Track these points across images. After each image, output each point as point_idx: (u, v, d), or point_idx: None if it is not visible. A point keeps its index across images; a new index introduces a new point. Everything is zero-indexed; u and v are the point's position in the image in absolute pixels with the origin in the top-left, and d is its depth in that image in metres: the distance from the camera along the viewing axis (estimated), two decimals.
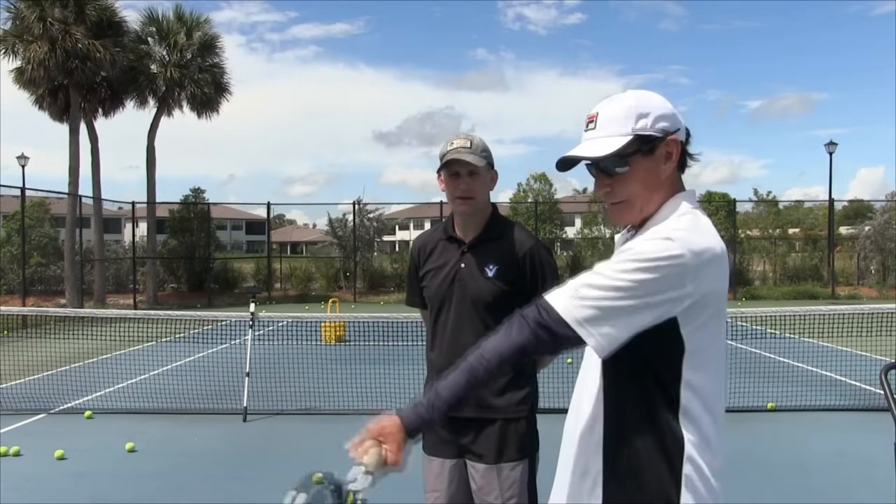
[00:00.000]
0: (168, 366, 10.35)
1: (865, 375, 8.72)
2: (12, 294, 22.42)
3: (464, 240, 2.67)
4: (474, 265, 2.63)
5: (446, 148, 2.59)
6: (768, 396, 7.96)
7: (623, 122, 1.58)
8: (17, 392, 8.69)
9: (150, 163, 25.48)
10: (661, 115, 1.59)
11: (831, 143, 27.25)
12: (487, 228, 2.67)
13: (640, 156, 1.58)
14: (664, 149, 1.60)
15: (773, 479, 5.43)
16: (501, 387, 2.58)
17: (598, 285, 1.51)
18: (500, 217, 2.72)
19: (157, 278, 26.05)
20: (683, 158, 1.66)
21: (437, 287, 2.67)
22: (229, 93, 26.48)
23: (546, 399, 3.14)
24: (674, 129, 1.60)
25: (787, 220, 36.48)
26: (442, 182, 2.66)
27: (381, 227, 30.18)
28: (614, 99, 1.63)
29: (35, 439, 6.70)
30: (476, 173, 2.58)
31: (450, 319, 2.64)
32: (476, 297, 2.60)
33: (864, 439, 6.46)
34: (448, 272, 2.66)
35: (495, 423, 2.57)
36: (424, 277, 2.73)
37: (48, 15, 21.07)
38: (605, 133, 1.59)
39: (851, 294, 25.22)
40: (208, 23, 25.90)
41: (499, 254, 2.63)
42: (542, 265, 2.68)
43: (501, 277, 2.60)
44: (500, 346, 1.57)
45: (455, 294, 2.63)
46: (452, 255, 2.68)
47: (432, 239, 2.77)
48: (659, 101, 1.62)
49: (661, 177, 1.61)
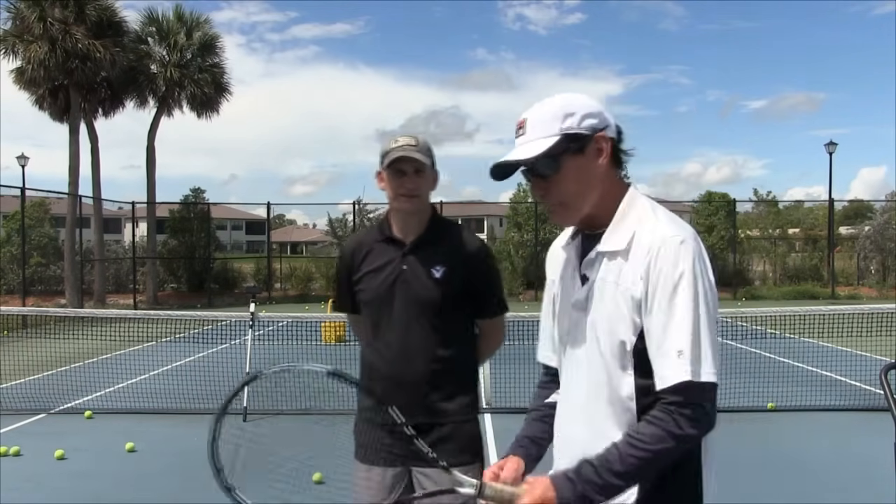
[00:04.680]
0: (168, 366, 10.34)
1: (865, 375, 8.72)
2: (12, 294, 22.43)
3: (404, 241, 2.56)
4: (419, 266, 2.52)
5: (391, 145, 2.50)
6: (768, 396, 7.96)
7: (550, 123, 1.60)
8: (17, 392, 8.69)
9: (150, 163, 25.50)
10: (587, 114, 1.61)
11: (831, 143, 27.29)
12: (429, 229, 2.57)
13: (570, 155, 1.60)
14: (594, 146, 1.61)
15: (773, 479, 5.43)
16: (451, 391, 2.54)
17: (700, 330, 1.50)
18: (440, 218, 2.64)
19: (157, 278, 26.06)
20: (617, 155, 1.67)
21: (376, 289, 2.55)
22: (229, 93, 26.57)
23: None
24: (602, 125, 1.62)
25: (787, 220, 36.50)
26: (382, 180, 2.55)
27: None
28: (542, 103, 1.65)
29: (35, 439, 6.70)
30: (421, 171, 2.51)
31: (394, 323, 2.52)
32: (423, 299, 2.50)
33: (864, 439, 6.46)
34: (389, 274, 2.54)
35: (447, 428, 2.52)
36: (361, 280, 2.59)
37: (48, 15, 21.09)
38: (533, 136, 1.60)
39: (851, 294, 25.23)
40: (208, 23, 26.01)
41: (445, 255, 2.54)
42: (489, 269, 2.64)
43: (449, 279, 2.51)
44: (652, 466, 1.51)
45: (397, 296, 2.52)
46: (392, 256, 2.55)
47: (367, 240, 2.64)
48: (585, 100, 1.64)
49: (595, 174, 1.62)
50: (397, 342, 2.52)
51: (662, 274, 1.52)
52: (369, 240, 2.64)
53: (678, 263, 1.51)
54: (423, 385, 2.51)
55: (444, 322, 2.53)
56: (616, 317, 1.57)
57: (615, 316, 1.57)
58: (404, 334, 2.52)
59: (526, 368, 8.53)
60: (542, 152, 1.58)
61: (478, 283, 2.58)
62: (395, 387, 2.50)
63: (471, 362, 2.65)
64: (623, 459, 1.49)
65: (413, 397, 2.49)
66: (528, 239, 27.26)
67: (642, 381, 1.56)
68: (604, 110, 1.64)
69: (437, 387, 2.53)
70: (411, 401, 2.47)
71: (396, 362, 2.52)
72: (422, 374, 2.51)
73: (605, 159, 1.62)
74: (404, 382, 2.51)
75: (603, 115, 1.63)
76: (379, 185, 2.59)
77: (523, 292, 26.07)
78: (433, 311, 2.51)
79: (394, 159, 2.47)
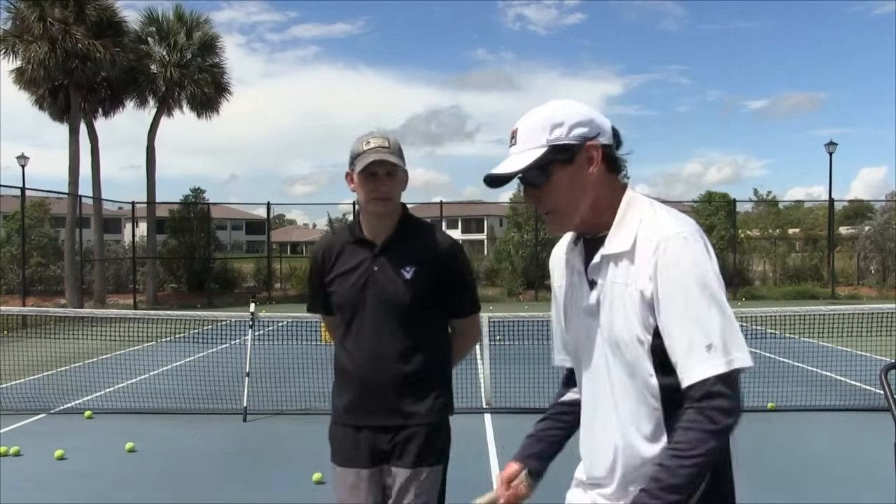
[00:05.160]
0: (168, 366, 10.35)
1: (865, 375, 8.72)
2: (12, 294, 22.44)
3: (375, 242, 2.55)
4: (389, 267, 2.51)
5: (362, 147, 2.47)
6: (768, 396, 7.95)
7: (538, 134, 1.60)
8: (17, 392, 8.69)
9: (150, 163, 25.49)
10: (576, 123, 1.60)
11: (831, 143, 27.30)
12: (399, 229, 2.56)
13: (560, 165, 1.60)
14: (584, 155, 1.61)
15: (773, 479, 5.43)
16: (423, 393, 2.53)
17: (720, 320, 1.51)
18: (411, 217, 2.62)
19: (157, 278, 26.06)
20: (614, 160, 1.66)
21: (347, 291, 2.53)
22: (229, 93, 26.55)
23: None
24: (593, 133, 1.61)
25: (787, 220, 36.50)
26: (352, 182, 2.52)
27: None
28: (532, 112, 1.65)
29: (35, 439, 6.70)
30: (394, 174, 2.49)
31: (366, 325, 2.51)
32: (394, 300, 2.49)
33: (864, 439, 6.46)
34: (360, 276, 2.53)
35: (418, 428, 2.52)
36: (333, 282, 2.58)
37: (48, 15, 21.08)
38: (523, 147, 1.61)
39: (851, 294, 25.22)
40: (208, 23, 25.99)
41: (415, 255, 2.53)
42: (462, 268, 2.63)
43: (420, 279, 2.50)
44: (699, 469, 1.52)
45: (369, 298, 2.51)
46: (363, 257, 2.54)
47: (338, 242, 2.62)
48: (575, 109, 1.63)
49: (585, 182, 1.62)
50: (369, 344, 2.51)
51: (672, 271, 1.52)
52: (340, 241, 2.62)
53: (686, 259, 1.52)
54: (394, 387, 2.50)
55: (416, 322, 2.52)
56: (632, 318, 1.56)
57: (631, 317, 1.57)
58: (376, 336, 2.51)
59: (526, 368, 8.54)
60: (528, 165, 1.59)
61: (450, 282, 2.56)
62: (368, 389, 2.51)
63: (443, 363, 2.63)
64: (675, 473, 1.48)
65: (384, 399, 2.50)
66: (528, 239, 27.24)
67: (664, 380, 1.56)
68: (595, 117, 1.64)
69: (409, 388, 2.52)
70: (383, 402, 2.50)
71: (368, 364, 2.51)
72: (393, 375, 2.50)
73: (595, 167, 1.62)
74: (376, 384, 2.50)
75: (594, 123, 1.63)
76: (349, 187, 2.55)
77: (523, 292, 26.09)
78: (404, 312, 2.50)
79: (368, 163, 2.44)
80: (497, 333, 10.22)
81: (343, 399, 2.57)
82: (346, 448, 2.56)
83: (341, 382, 2.60)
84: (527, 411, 7.52)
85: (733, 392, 1.50)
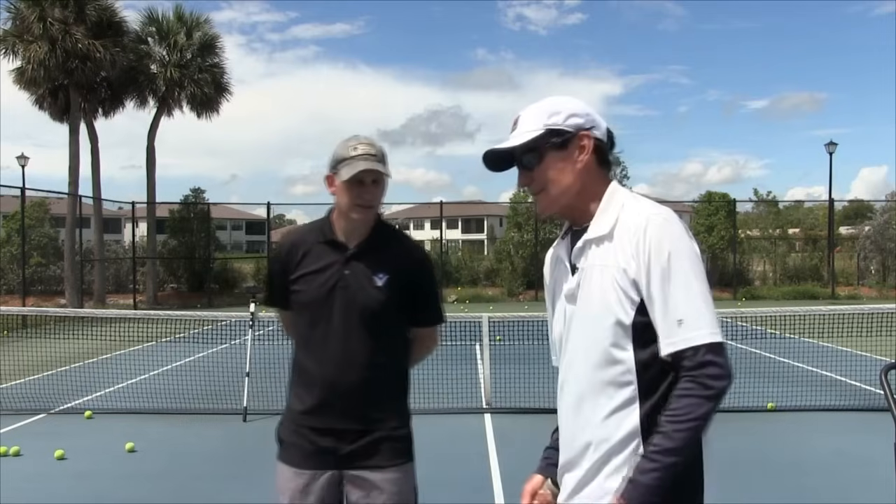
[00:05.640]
0: (168, 366, 10.35)
1: (865, 375, 8.72)
2: (12, 294, 22.45)
3: (347, 245, 2.50)
4: (361, 273, 2.48)
5: (349, 152, 2.42)
6: (768, 396, 7.96)
7: (537, 119, 1.74)
8: (17, 392, 8.69)
9: (150, 163, 25.49)
10: (573, 114, 1.74)
11: (831, 143, 27.32)
12: (373, 235, 2.52)
13: (553, 149, 1.73)
14: (577, 143, 1.73)
15: (773, 479, 5.43)
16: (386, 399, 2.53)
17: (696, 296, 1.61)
18: (384, 223, 2.59)
19: (157, 278, 26.06)
20: (604, 157, 1.78)
21: (315, 291, 2.48)
22: (229, 93, 26.53)
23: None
24: (587, 126, 1.74)
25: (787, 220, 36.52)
26: (333, 185, 2.47)
27: None
28: (534, 103, 1.79)
29: (35, 439, 6.70)
30: (379, 182, 2.46)
31: (333, 329, 2.47)
32: (364, 305, 2.46)
33: (864, 439, 6.46)
34: (329, 278, 2.48)
35: (385, 432, 2.50)
36: (299, 280, 2.51)
37: (48, 15, 21.08)
38: (522, 130, 1.75)
39: (851, 294, 25.22)
40: (208, 23, 25.96)
41: (388, 262, 2.50)
42: (430, 279, 2.63)
43: (391, 287, 2.47)
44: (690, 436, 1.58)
45: (337, 302, 2.46)
46: (333, 259, 2.50)
47: (306, 240, 2.56)
48: (574, 103, 1.77)
49: (575, 168, 1.73)
50: (336, 348, 2.48)
51: (653, 250, 1.62)
52: (309, 240, 2.56)
53: (667, 238, 1.62)
54: (359, 391, 2.48)
55: (383, 329, 2.50)
56: (610, 297, 1.64)
57: (608, 296, 1.64)
58: (343, 340, 2.48)
59: (526, 368, 8.55)
60: (525, 142, 1.72)
61: (418, 292, 2.55)
62: (333, 392, 2.48)
63: (404, 370, 2.62)
64: (671, 437, 1.56)
65: (349, 403, 2.47)
66: (528, 239, 27.23)
67: (643, 354, 1.63)
68: (592, 113, 1.77)
69: (373, 394, 2.50)
70: (347, 406, 2.47)
71: (334, 368, 2.48)
72: (359, 380, 2.48)
73: (585, 155, 1.73)
74: (341, 388, 2.48)
75: (591, 118, 1.76)
76: (329, 190, 2.50)
77: (523, 292, 26.09)
78: (373, 319, 2.47)
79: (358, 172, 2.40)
80: (497, 333, 10.22)
81: (304, 401, 2.52)
82: (304, 449, 2.50)
83: (302, 383, 2.55)
84: (527, 411, 7.53)
85: (723, 359, 1.59)
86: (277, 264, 2.61)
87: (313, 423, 2.49)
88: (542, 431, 2.67)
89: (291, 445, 2.53)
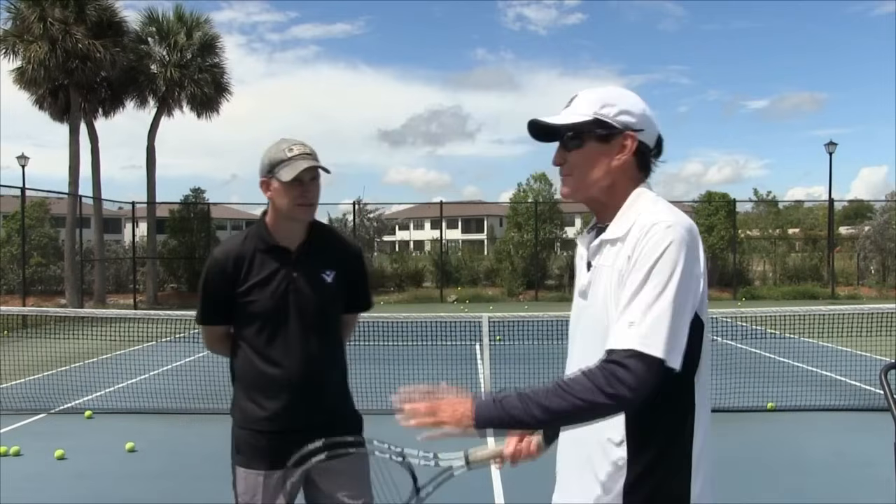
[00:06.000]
0: (168, 366, 10.35)
1: (865, 375, 8.72)
2: (12, 294, 22.45)
3: (289, 248, 2.54)
4: (309, 274, 2.53)
5: (286, 154, 2.46)
6: (768, 396, 7.96)
7: (591, 104, 1.70)
8: (17, 392, 8.69)
9: (150, 163, 25.49)
10: (626, 110, 1.69)
11: (831, 143, 27.31)
12: (311, 235, 2.58)
13: (595, 140, 1.68)
14: (620, 140, 1.68)
15: (773, 479, 5.43)
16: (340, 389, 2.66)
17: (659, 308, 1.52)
18: (317, 222, 2.63)
19: (157, 278, 26.06)
20: (646, 161, 1.73)
21: (268, 300, 2.50)
22: (229, 93, 26.53)
23: None
24: (637, 127, 1.69)
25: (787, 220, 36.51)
26: (269, 189, 2.50)
27: (381, 227, 30.21)
28: (595, 87, 1.75)
29: (35, 439, 6.70)
30: (316, 179, 2.52)
31: (293, 332, 2.50)
32: (317, 304, 2.52)
33: (864, 439, 6.45)
34: (279, 284, 2.50)
35: (339, 420, 2.58)
36: (249, 292, 2.51)
37: (48, 15, 21.08)
38: (572, 111, 1.71)
39: (851, 294, 25.22)
40: (208, 23, 25.94)
41: (332, 260, 2.58)
42: (365, 268, 2.77)
43: (339, 283, 2.57)
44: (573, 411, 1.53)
45: (291, 306, 2.50)
46: (279, 264, 2.52)
47: (245, 250, 2.55)
48: (632, 100, 1.72)
49: (612, 165, 1.69)
50: (297, 350, 2.52)
51: (644, 252, 1.57)
52: (249, 249, 2.55)
53: (660, 244, 1.56)
54: (323, 387, 2.56)
55: (334, 323, 2.61)
56: (609, 299, 1.63)
57: (608, 298, 1.63)
58: (303, 342, 2.52)
59: (526, 368, 8.55)
60: (570, 123, 1.69)
61: (357, 281, 2.67)
62: (300, 393, 2.52)
63: (345, 357, 2.73)
64: (549, 398, 1.52)
65: (314, 400, 2.54)
66: (528, 239, 27.21)
67: None
68: (648, 116, 1.71)
69: (332, 386, 2.61)
70: (312, 403, 2.54)
71: (300, 370, 2.52)
72: (322, 377, 2.57)
73: (625, 156, 1.69)
74: (307, 388, 2.53)
75: (644, 119, 1.70)
76: (266, 194, 2.52)
77: (523, 292, 26.07)
78: (327, 315, 2.57)
79: (302, 170, 2.44)
80: (497, 333, 10.22)
81: (266, 406, 2.54)
82: (269, 452, 2.53)
83: (261, 390, 2.55)
84: None
85: (644, 375, 1.48)
86: (220, 278, 2.56)
87: (278, 427, 2.52)
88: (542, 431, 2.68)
89: (255, 450, 2.55)
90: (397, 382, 7.28)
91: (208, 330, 2.67)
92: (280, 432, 2.52)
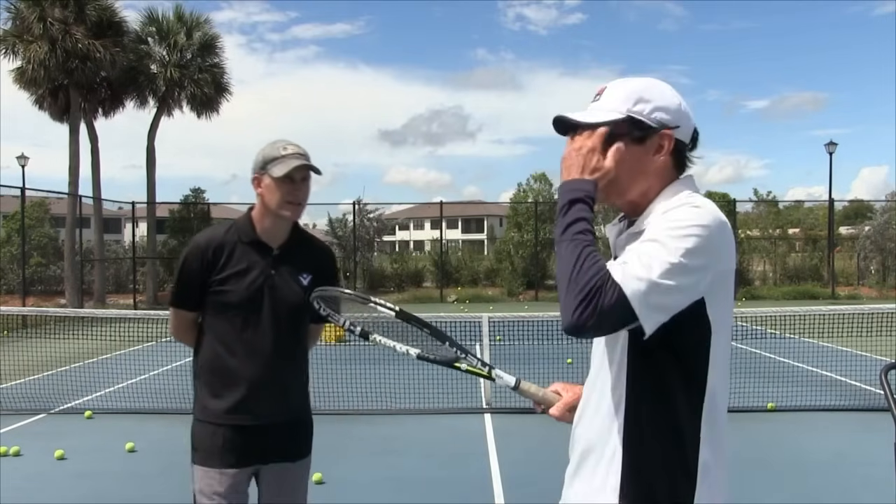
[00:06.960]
0: (168, 366, 10.34)
1: (865, 375, 8.72)
2: (12, 294, 22.46)
3: (270, 245, 2.59)
4: (288, 272, 2.59)
5: (280, 152, 2.51)
6: (768, 396, 7.96)
7: (622, 100, 1.56)
8: (17, 392, 8.69)
9: (150, 163, 25.49)
10: (661, 107, 1.56)
11: (831, 143, 27.31)
12: (293, 236, 2.64)
13: (629, 141, 1.55)
14: (656, 140, 1.56)
15: (773, 479, 5.43)
16: (302, 389, 2.71)
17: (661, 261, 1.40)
18: (297, 224, 2.69)
19: (157, 278, 26.04)
20: (682, 158, 1.61)
21: (243, 292, 2.53)
22: (229, 93, 26.51)
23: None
24: (673, 124, 1.57)
25: (787, 220, 36.48)
26: (260, 186, 2.55)
27: (382, 227, 30.19)
28: (626, 79, 1.62)
29: (35, 439, 6.70)
30: (307, 179, 2.57)
31: (263, 327, 2.55)
32: (292, 304, 2.57)
33: (864, 439, 6.46)
34: (256, 278, 2.54)
35: (299, 424, 2.66)
36: (225, 281, 2.55)
37: (48, 15, 21.08)
38: (603, 106, 1.58)
39: (851, 294, 25.22)
40: (208, 23, 25.93)
41: (310, 261, 2.65)
42: (337, 275, 2.83)
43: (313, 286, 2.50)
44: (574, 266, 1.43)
45: (266, 302, 2.54)
46: (258, 259, 2.56)
47: (227, 241, 2.59)
48: (666, 94, 1.59)
49: (648, 166, 1.57)
50: (264, 346, 2.56)
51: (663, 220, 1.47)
52: (231, 240, 2.60)
53: (682, 220, 1.45)
54: (285, 386, 2.61)
55: (301, 326, 2.66)
56: None
57: None
58: (272, 339, 2.56)
59: (526, 368, 8.53)
60: (600, 122, 1.55)
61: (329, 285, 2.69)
62: (259, 389, 2.56)
63: (307, 363, 2.77)
64: (572, 247, 1.45)
65: (275, 398, 2.58)
66: (528, 239, 27.21)
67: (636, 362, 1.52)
68: (685, 110, 1.60)
69: (297, 386, 2.67)
70: (273, 401, 2.58)
71: (264, 365, 2.56)
72: (285, 376, 2.61)
73: (662, 156, 1.57)
74: (272, 384, 2.57)
75: (679, 114, 1.58)
76: (256, 191, 2.58)
77: (523, 292, 26.07)
78: (298, 316, 2.61)
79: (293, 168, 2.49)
80: (497, 333, 10.21)
81: (226, 399, 2.58)
82: (228, 449, 2.56)
83: (222, 382, 2.60)
84: (527, 411, 7.52)
85: (613, 302, 1.38)
86: (198, 263, 2.58)
87: (238, 421, 2.56)
88: (542, 432, 2.67)
89: (213, 447, 2.59)
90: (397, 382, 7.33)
91: (179, 314, 2.70)
92: (240, 427, 2.55)
